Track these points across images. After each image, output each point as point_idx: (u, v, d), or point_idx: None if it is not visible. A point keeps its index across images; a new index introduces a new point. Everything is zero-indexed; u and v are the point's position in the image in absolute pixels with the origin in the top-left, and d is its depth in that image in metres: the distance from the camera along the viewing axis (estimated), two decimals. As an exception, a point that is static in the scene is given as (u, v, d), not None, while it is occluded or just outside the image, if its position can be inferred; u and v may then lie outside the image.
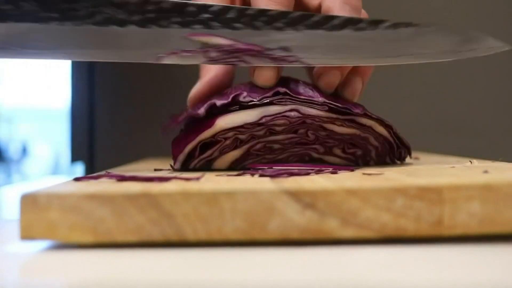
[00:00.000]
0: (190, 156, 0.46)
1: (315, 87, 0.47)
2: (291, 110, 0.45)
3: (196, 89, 0.51)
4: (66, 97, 1.30)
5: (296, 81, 0.48)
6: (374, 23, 0.45)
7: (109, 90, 1.18)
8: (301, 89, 0.46)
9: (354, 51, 0.45)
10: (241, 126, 0.45)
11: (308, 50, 0.45)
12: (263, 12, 0.44)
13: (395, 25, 0.45)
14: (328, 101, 0.45)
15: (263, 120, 0.45)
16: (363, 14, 0.52)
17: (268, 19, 0.44)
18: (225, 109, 0.45)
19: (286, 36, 0.44)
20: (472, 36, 0.46)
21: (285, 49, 0.44)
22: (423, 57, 0.46)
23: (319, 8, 0.49)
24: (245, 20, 0.44)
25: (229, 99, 0.45)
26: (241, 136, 0.46)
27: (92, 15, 0.42)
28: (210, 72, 0.51)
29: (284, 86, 0.46)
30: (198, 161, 0.46)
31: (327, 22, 0.44)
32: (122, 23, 0.43)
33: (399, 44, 0.45)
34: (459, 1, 1.03)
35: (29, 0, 0.42)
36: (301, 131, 0.46)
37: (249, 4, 0.49)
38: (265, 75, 0.46)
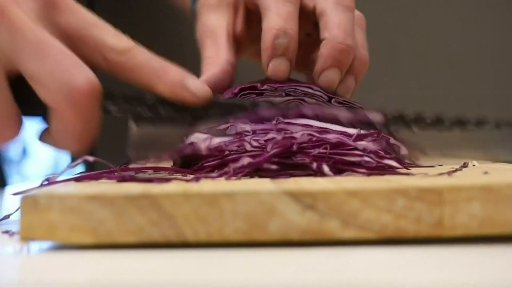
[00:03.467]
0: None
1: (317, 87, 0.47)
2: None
3: None
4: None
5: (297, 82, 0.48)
6: (480, 123, 0.47)
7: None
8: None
9: (461, 148, 0.48)
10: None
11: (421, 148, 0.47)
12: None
13: (498, 125, 0.48)
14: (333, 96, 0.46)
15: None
16: (358, 16, 0.53)
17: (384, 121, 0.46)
18: None
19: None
20: None
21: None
22: None
23: (314, 10, 0.50)
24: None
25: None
26: None
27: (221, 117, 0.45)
28: (208, 72, 0.52)
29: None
30: None
31: (439, 123, 0.47)
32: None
33: (502, 143, 0.48)
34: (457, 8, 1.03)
35: (166, 106, 0.44)
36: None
37: (254, 8, 0.50)
38: (280, 68, 0.47)
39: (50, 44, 0.40)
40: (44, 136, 0.43)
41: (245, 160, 0.38)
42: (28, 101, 0.41)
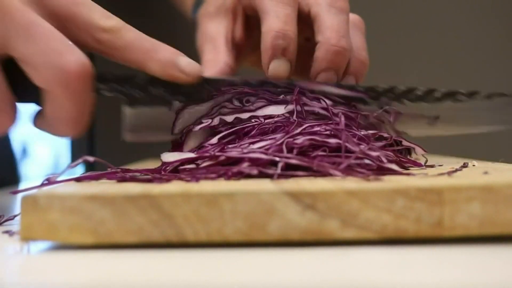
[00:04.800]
0: None
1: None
2: None
3: None
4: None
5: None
6: (471, 94, 0.48)
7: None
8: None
9: (453, 120, 0.49)
10: None
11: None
12: (371, 88, 0.48)
13: (490, 96, 0.48)
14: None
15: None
16: (356, 18, 0.53)
17: (376, 94, 0.47)
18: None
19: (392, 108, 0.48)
20: None
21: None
22: None
23: (309, 14, 0.50)
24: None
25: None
26: None
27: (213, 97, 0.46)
28: (206, 73, 0.52)
29: None
30: None
31: (429, 95, 0.48)
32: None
33: (494, 113, 0.49)
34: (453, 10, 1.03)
35: (157, 86, 0.45)
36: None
37: (253, 14, 0.50)
38: (280, 69, 0.47)
39: (40, 25, 0.40)
40: (38, 121, 0.43)
41: (244, 163, 0.38)
42: (22, 86, 0.41)
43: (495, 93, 0.48)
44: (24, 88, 0.42)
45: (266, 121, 0.44)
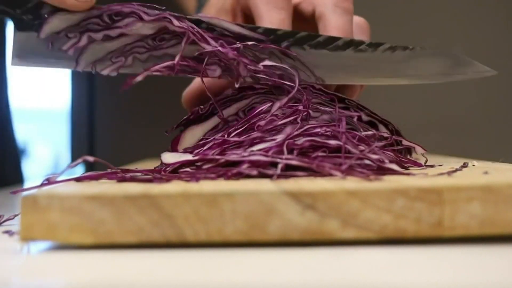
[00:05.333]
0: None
1: None
2: None
3: (190, 88, 0.52)
4: (66, 98, 1.30)
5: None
6: (374, 45, 0.47)
7: (109, 91, 1.18)
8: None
9: (354, 70, 0.47)
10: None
11: (312, 68, 0.46)
12: (272, 31, 0.46)
13: (393, 48, 0.47)
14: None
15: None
16: (361, 21, 0.53)
17: (277, 37, 0.46)
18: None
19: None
20: (462, 61, 0.48)
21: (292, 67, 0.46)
22: (416, 79, 0.48)
23: (313, 14, 0.50)
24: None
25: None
26: None
27: None
28: None
29: None
30: None
31: (331, 43, 0.46)
32: None
33: (396, 66, 0.47)
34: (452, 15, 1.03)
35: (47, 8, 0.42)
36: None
37: (251, 14, 0.50)
38: None
39: None
40: None
41: (244, 164, 0.38)
42: None
43: (398, 46, 0.47)
44: None
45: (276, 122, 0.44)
